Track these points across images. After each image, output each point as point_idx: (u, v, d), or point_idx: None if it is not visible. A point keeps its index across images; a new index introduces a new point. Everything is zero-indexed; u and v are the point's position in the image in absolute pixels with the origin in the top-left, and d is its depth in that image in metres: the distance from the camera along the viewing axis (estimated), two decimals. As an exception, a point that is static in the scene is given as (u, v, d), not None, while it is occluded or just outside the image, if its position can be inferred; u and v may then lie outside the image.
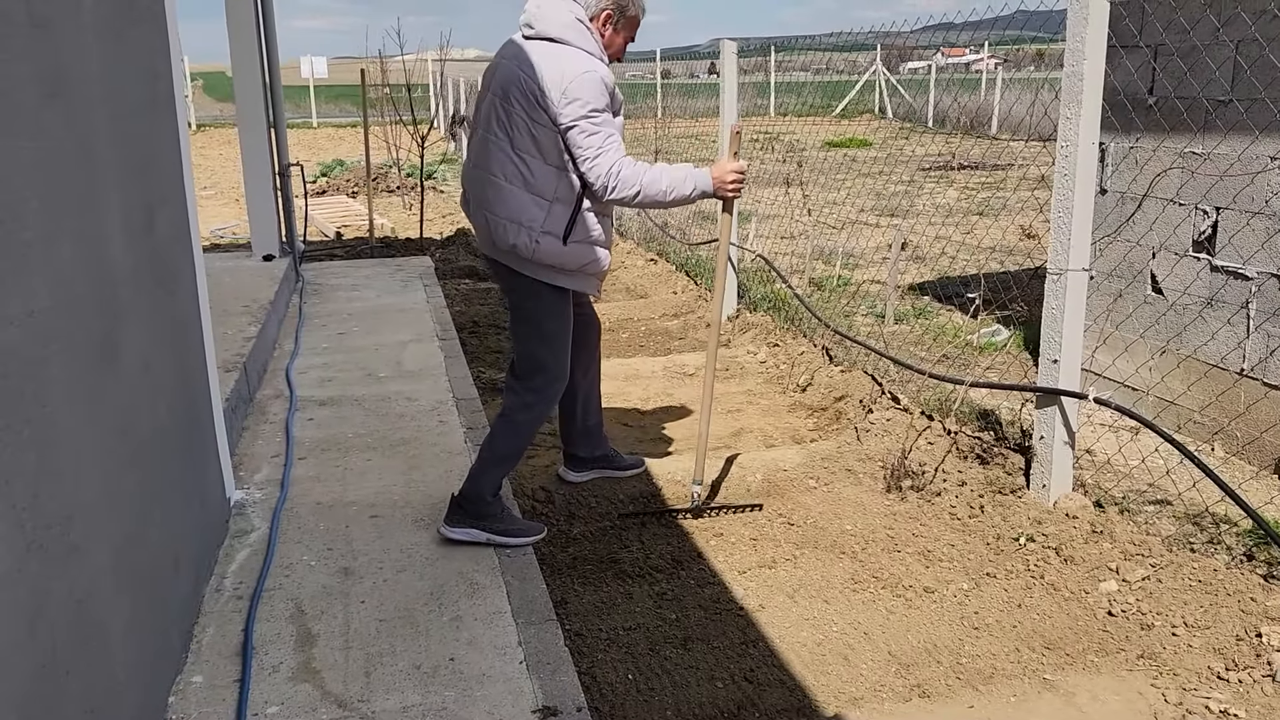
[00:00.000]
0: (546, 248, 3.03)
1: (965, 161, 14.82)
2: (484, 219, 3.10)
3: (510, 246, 3.05)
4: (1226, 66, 3.90)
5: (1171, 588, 2.78)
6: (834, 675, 2.56)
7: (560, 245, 3.04)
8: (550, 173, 3.00)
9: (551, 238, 3.03)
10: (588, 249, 3.12)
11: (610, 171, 2.96)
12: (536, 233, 3.01)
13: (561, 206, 3.02)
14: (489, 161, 3.06)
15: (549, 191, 3.01)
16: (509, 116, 3.01)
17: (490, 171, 3.06)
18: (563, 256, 3.06)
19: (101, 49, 2.25)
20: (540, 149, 2.99)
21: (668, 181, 3.04)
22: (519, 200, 3.02)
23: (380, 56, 11.78)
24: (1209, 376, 4.01)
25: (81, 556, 1.80)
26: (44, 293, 1.73)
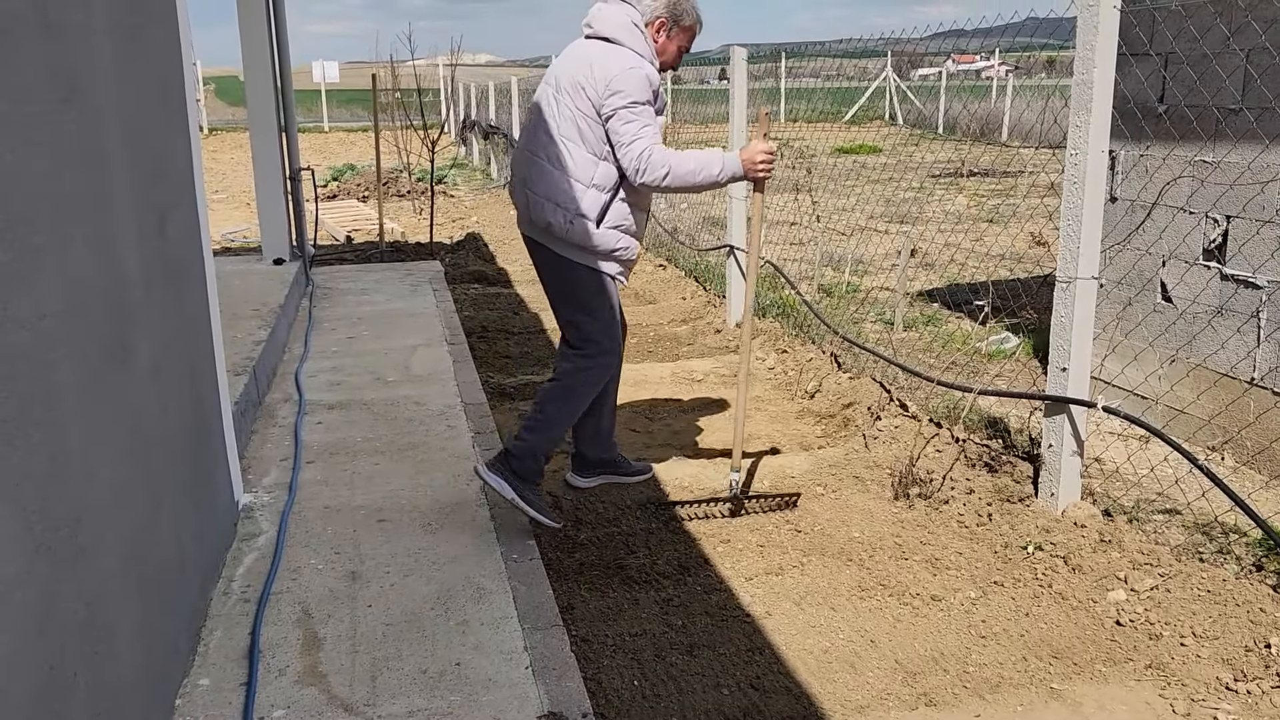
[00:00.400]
0: (579, 229, 3.25)
1: (975, 168, 14.80)
2: (525, 196, 3.34)
3: (546, 224, 3.28)
4: (1237, 75, 3.89)
5: (1180, 598, 2.76)
6: (840, 683, 2.56)
7: (593, 228, 3.25)
8: (589, 160, 3.23)
9: (585, 220, 3.25)
10: (618, 235, 3.31)
11: (642, 155, 3.15)
12: (571, 214, 3.24)
13: (596, 192, 3.24)
14: (535, 144, 3.32)
15: (586, 177, 3.23)
16: (558, 105, 3.27)
17: (535, 153, 3.31)
18: (593, 239, 3.26)
19: (114, 53, 2.27)
20: (583, 137, 3.22)
21: (695, 163, 3.22)
22: (557, 182, 3.25)
23: (391, 61, 11.83)
24: (1219, 385, 3.99)
25: (90, 559, 1.81)
26: (55, 296, 1.74)
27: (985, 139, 20.82)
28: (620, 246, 3.33)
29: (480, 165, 18.61)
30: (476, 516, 3.35)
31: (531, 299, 7.33)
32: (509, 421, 4.55)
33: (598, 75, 3.18)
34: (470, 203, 13.64)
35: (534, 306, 7.02)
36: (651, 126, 3.20)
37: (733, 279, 6.15)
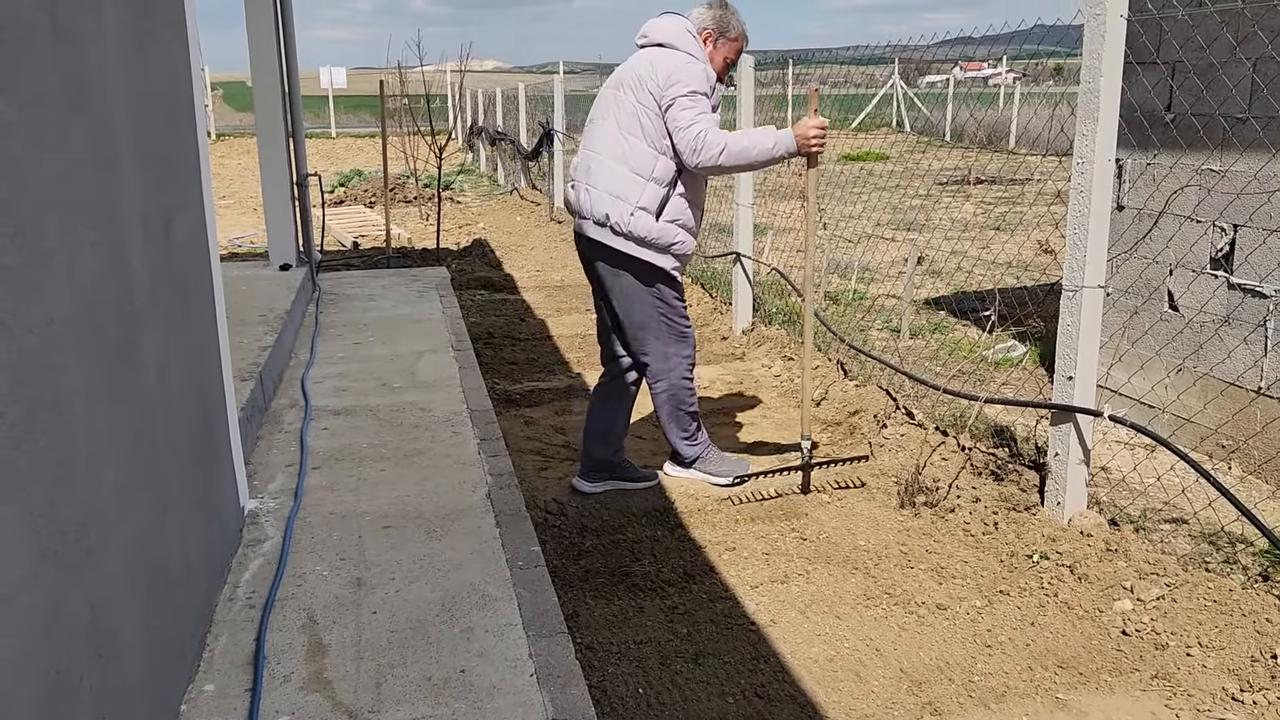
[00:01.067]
0: (640, 221, 3.40)
1: (982, 176, 14.78)
2: (585, 192, 3.50)
3: (604, 216, 3.43)
4: (1244, 84, 3.88)
5: (1186, 607, 2.76)
6: (845, 692, 2.55)
7: (653, 221, 3.41)
8: (649, 153, 3.39)
9: (645, 213, 3.40)
10: (676, 229, 3.46)
11: (698, 135, 3.31)
12: (632, 206, 3.39)
13: (656, 186, 3.40)
14: (596, 142, 3.51)
15: (646, 171, 3.39)
16: (619, 103, 3.45)
17: (596, 150, 3.50)
18: (654, 231, 3.42)
19: (123, 58, 2.28)
20: (643, 131, 3.39)
21: (750, 139, 3.36)
22: (619, 175, 3.41)
23: (399, 67, 11.87)
24: (1226, 395, 3.98)
25: (96, 563, 1.82)
26: (63, 301, 1.75)
27: (993, 146, 20.81)
28: (678, 240, 3.47)
29: (487, 172, 18.65)
30: (481, 523, 3.34)
31: (538, 305, 7.34)
32: (514, 428, 4.56)
33: (659, 69, 3.37)
34: (477, 209, 13.67)
35: (540, 313, 7.03)
36: (708, 115, 3.36)
37: (738, 286, 6.15)
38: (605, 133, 3.47)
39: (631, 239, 3.44)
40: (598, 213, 3.45)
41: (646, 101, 3.38)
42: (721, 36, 3.55)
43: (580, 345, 6.14)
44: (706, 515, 3.59)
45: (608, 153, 3.44)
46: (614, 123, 3.45)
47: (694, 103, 3.33)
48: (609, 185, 3.42)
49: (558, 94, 12.31)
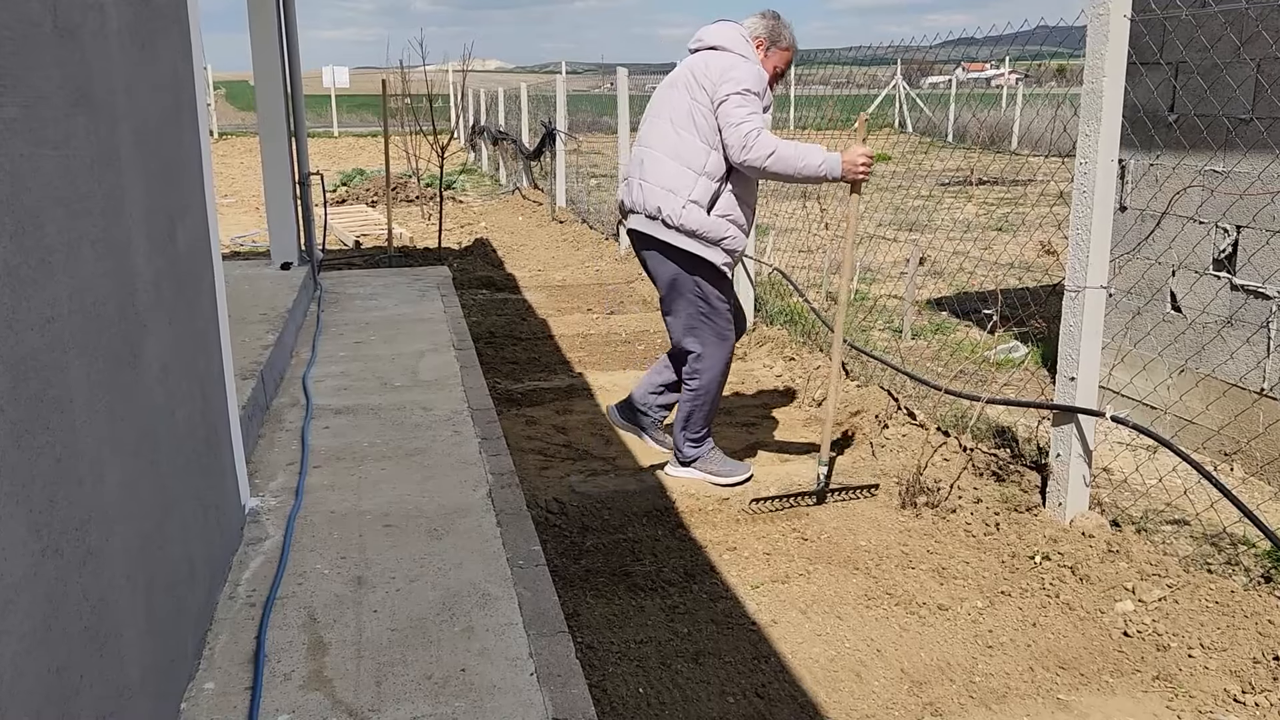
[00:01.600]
0: (691, 214, 3.46)
1: (984, 177, 14.78)
2: (638, 186, 3.57)
3: (656, 209, 3.50)
4: (1247, 85, 3.88)
5: (1188, 609, 2.75)
6: (846, 692, 2.55)
7: (704, 214, 3.47)
8: (701, 149, 3.45)
9: (696, 206, 3.46)
10: (727, 224, 3.52)
11: (749, 133, 3.35)
12: (684, 199, 3.46)
13: (707, 180, 3.46)
14: (650, 138, 3.58)
15: (698, 165, 3.45)
16: (673, 102, 3.53)
17: (650, 146, 3.56)
18: (705, 225, 3.48)
19: (126, 57, 2.28)
20: (696, 126, 3.45)
21: (800, 151, 3.39)
22: (671, 170, 3.47)
23: (401, 67, 11.88)
24: (1228, 396, 3.97)
25: (98, 561, 1.81)
26: (65, 299, 1.75)
27: (995, 147, 20.79)
28: (728, 235, 3.52)
29: (489, 171, 18.65)
30: (483, 523, 3.34)
31: (539, 304, 7.34)
32: (517, 428, 4.56)
33: (713, 67, 3.44)
34: (479, 208, 13.67)
35: (542, 312, 7.03)
36: (759, 115, 3.41)
37: (740, 286, 6.14)
38: (659, 129, 3.54)
39: (682, 231, 3.49)
40: (650, 206, 3.52)
41: (700, 98, 3.44)
42: (773, 45, 3.63)
43: (582, 345, 6.14)
44: (707, 515, 3.58)
45: (661, 148, 3.51)
46: (667, 119, 3.52)
47: (746, 101, 3.37)
48: (661, 179, 3.48)
49: (560, 94, 12.31)
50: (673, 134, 3.49)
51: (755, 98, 3.40)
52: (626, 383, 5.22)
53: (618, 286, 8.06)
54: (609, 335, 6.38)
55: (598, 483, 3.84)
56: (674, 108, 3.51)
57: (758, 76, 3.44)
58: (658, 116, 3.58)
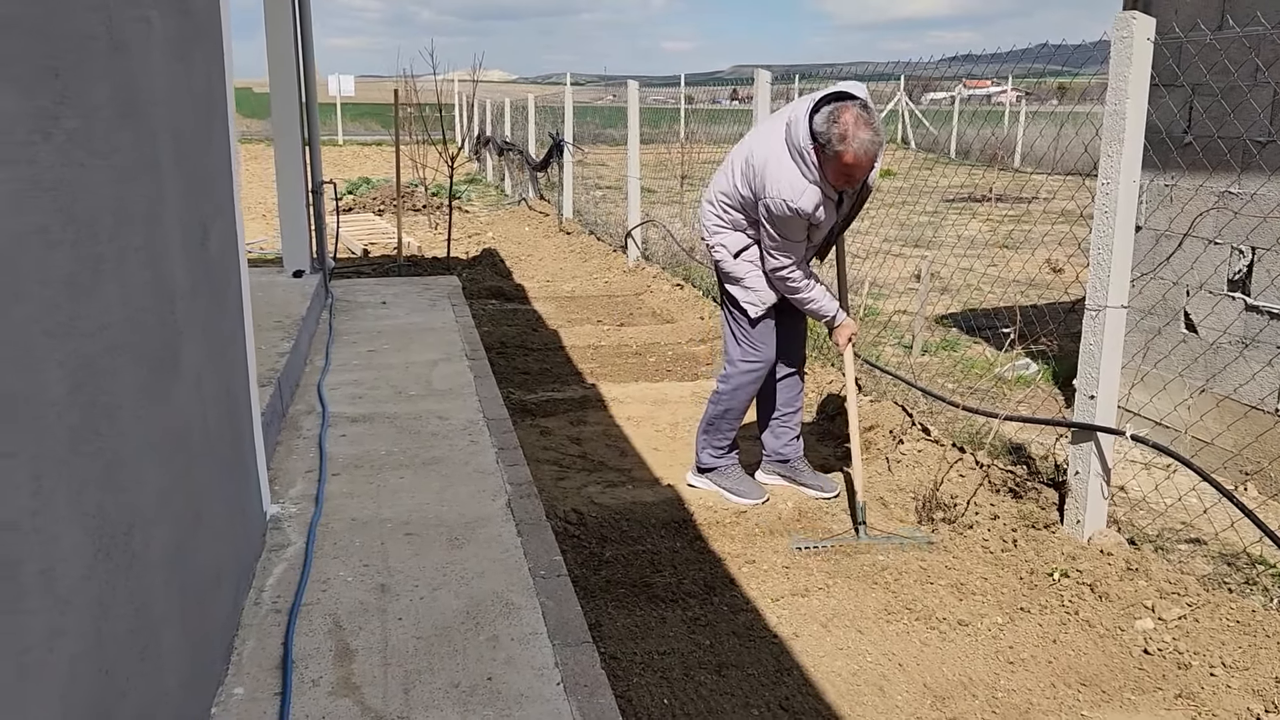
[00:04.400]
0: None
1: (989, 194, 14.83)
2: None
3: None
4: (1266, 107, 3.91)
5: (1209, 627, 2.77)
6: (869, 706, 2.56)
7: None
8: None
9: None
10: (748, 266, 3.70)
11: (776, 269, 3.59)
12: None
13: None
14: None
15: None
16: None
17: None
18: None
19: (167, 69, 2.30)
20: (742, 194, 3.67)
21: (816, 300, 3.62)
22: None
23: (406, 76, 11.91)
24: (1246, 417, 4.00)
25: (141, 565, 1.83)
26: (115, 306, 1.77)
27: (998, 164, 20.86)
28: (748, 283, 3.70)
29: (494, 182, 18.70)
30: (502, 532, 3.35)
31: (549, 315, 7.36)
32: (531, 438, 4.57)
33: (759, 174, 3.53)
34: (485, 219, 13.71)
35: (552, 323, 7.05)
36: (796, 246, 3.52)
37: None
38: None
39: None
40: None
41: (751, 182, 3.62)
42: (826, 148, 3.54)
43: (593, 357, 6.16)
44: (725, 528, 3.60)
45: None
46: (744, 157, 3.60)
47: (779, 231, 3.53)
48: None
49: (568, 105, 12.36)
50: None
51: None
52: (640, 395, 5.24)
53: (627, 298, 8.08)
54: (620, 347, 6.40)
55: (615, 494, 3.85)
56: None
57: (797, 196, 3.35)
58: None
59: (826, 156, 3.25)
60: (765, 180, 3.35)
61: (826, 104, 3.26)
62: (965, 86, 35.35)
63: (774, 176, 3.33)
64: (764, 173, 3.35)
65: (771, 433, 3.91)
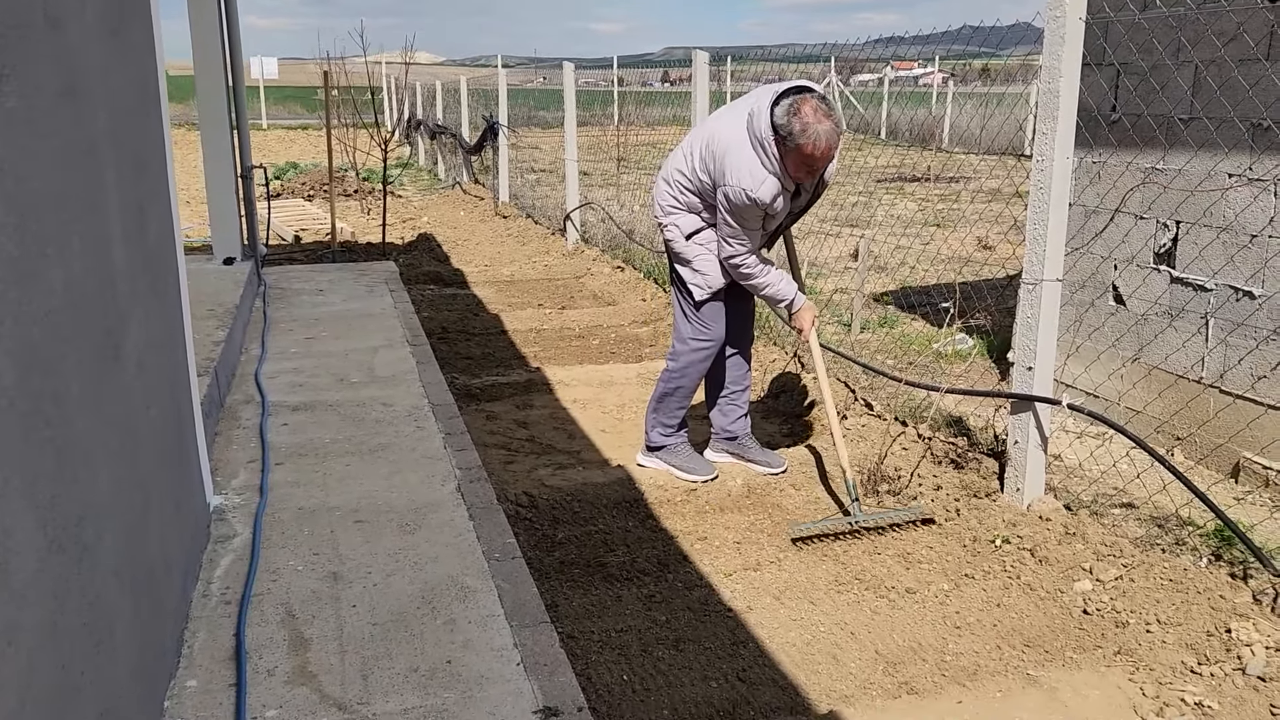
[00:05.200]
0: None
1: (918, 174, 15.08)
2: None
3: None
4: (1188, 86, 4.04)
5: (1144, 587, 2.88)
6: (824, 674, 2.62)
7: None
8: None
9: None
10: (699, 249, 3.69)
11: (730, 257, 3.58)
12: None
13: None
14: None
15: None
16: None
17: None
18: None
19: (101, 48, 2.24)
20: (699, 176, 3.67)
21: (775, 287, 3.62)
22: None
23: (329, 58, 11.65)
24: (1174, 386, 4.15)
25: (92, 557, 1.79)
26: (60, 291, 1.72)
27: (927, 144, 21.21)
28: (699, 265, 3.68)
29: (427, 166, 18.46)
30: (454, 517, 3.34)
31: (490, 300, 7.32)
32: (478, 423, 4.55)
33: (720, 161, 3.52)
34: (419, 203, 13.54)
35: (493, 308, 7.01)
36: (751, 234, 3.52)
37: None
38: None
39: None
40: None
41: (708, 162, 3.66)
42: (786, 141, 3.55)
43: (536, 340, 6.14)
44: (676, 506, 3.63)
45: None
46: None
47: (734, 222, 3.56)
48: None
49: (501, 87, 12.24)
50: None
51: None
52: (585, 377, 5.25)
53: (567, 281, 8.07)
54: (563, 330, 6.39)
55: (565, 476, 3.86)
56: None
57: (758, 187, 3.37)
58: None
59: (787, 148, 3.28)
60: (725, 168, 3.36)
61: (786, 96, 3.29)
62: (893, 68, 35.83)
63: (734, 165, 3.34)
64: (724, 160, 3.36)
65: (719, 410, 3.94)
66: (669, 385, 3.80)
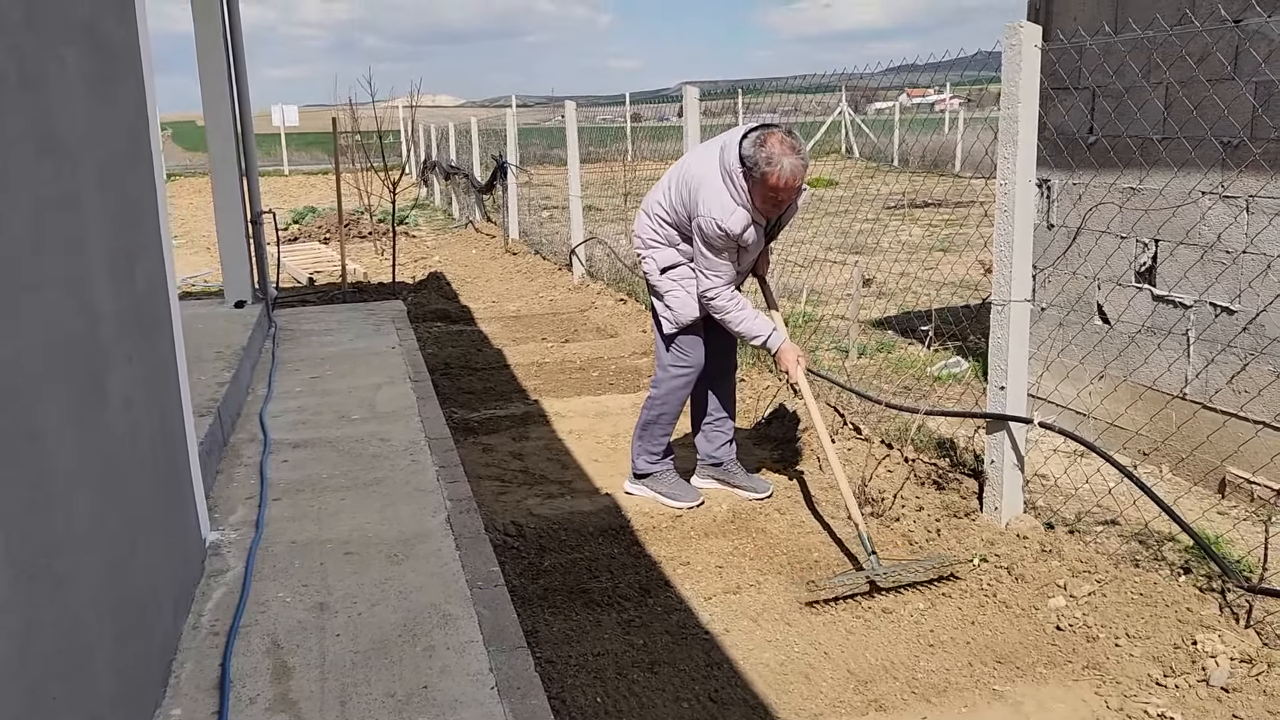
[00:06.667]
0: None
1: (929, 199, 15.14)
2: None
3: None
4: (1164, 105, 4.11)
5: (1115, 601, 2.91)
6: (795, 693, 2.66)
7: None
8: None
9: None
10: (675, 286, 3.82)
11: (707, 290, 3.66)
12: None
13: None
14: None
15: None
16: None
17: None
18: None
19: (86, 105, 2.37)
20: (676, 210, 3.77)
21: (746, 323, 3.65)
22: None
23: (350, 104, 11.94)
24: (1153, 400, 4.18)
25: (69, 588, 1.88)
26: (37, 335, 1.83)
27: (938, 170, 21.29)
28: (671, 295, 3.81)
29: (442, 205, 18.73)
30: (442, 547, 3.42)
31: (494, 335, 7.43)
32: (473, 455, 4.64)
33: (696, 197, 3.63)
34: (432, 242, 13.74)
35: (497, 342, 7.12)
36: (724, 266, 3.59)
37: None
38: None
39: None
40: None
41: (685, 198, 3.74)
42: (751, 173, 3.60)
43: (537, 373, 6.24)
44: (660, 532, 3.69)
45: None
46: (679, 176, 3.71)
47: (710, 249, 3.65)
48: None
49: (510, 127, 12.46)
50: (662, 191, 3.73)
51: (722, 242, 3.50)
52: (582, 409, 5.33)
53: (571, 315, 8.18)
54: (564, 363, 6.49)
55: (554, 505, 3.93)
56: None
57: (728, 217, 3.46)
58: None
59: (754, 180, 3.39)
60: (698, 200, 3.49)
61: (755, 132, 3.43)
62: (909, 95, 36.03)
63: (705, 197, 3.47)
64: (698, 193, 3.50)
65: (704, 436, 4.01)
66: (652, 412, 3.88)
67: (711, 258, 3.53)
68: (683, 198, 3.57)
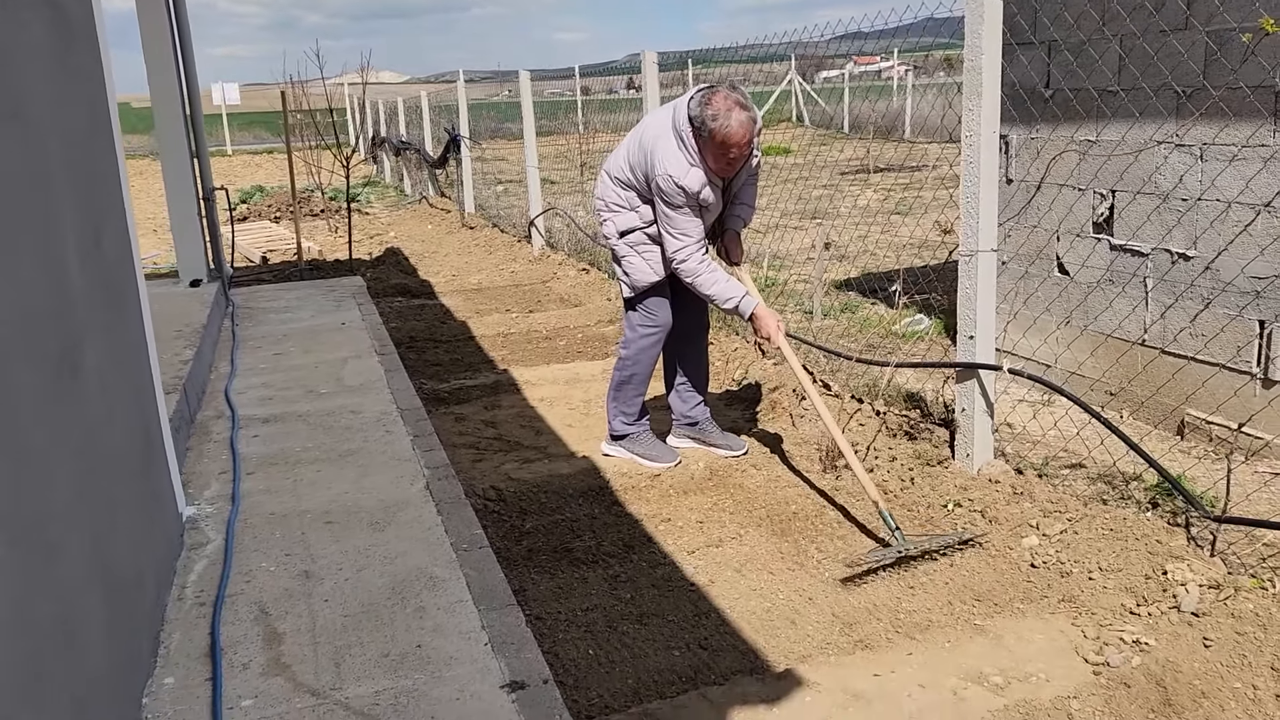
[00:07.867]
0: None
1: (881, 164, 15.26)
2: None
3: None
4: (1117, 57, 4.19)
5: (1086, 538, 3.00)
6: (783, 637, 2.72)
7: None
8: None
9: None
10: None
11: (677, 251, 3.64)
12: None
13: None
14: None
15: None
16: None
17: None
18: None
19: (48, 71, 2.32)
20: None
21: (717, 286, 3.62)
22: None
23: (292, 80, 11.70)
24: (1112, 347, 4.28)
25: (59, 558, 1.87)
26: (7, 305, 1.80)
27: (889, 136, 21.44)
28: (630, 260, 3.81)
29: (393, 183, 18.50)
30: (423, 513, 3.42)
31: (457, 308, 7.39)
32: (446, 425, 4.63)
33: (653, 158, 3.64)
34: (386, 219, 13.59)
35: (461, 315, 7.08)
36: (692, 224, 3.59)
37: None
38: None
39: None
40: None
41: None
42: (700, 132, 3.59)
43: (503, 344, 6.23)
44: (640, 491, 3.73)
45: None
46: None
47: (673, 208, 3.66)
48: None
49: (461, 100, 12.32)
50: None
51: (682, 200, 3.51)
52: (552, 376, 5.34)
53: (534, 286, 8.15)
54: (529, 333, 6.48)
55: (532, 469, 3.95)
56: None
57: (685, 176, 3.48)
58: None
59: (703, 139, 3.42)
60: (654, 160, 3.52)
61: (699, 93, 3.46)
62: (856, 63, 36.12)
63: (661, 155, 3.50)
64: (653, 154, 3.53)
65: (678, 396, 4.05)
66: (624, 373, 3.91)
67: (676, 217, 3.54)
68: (641, 159, 3.59)
